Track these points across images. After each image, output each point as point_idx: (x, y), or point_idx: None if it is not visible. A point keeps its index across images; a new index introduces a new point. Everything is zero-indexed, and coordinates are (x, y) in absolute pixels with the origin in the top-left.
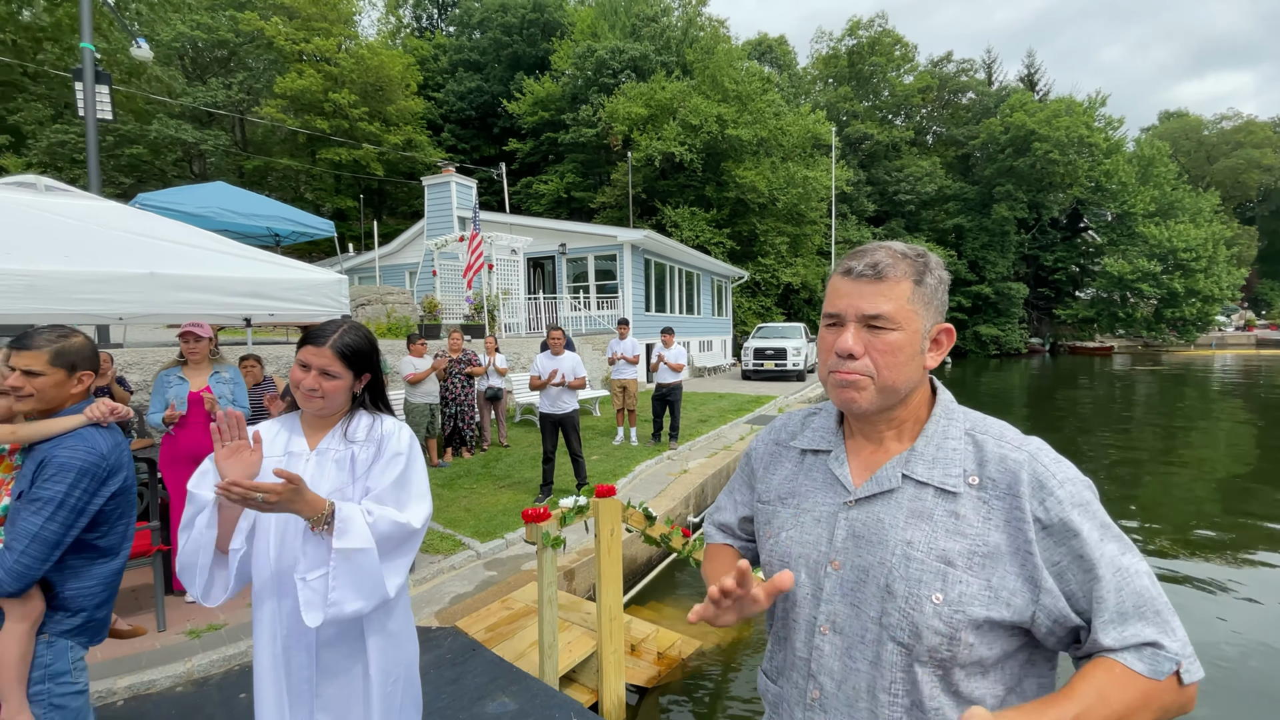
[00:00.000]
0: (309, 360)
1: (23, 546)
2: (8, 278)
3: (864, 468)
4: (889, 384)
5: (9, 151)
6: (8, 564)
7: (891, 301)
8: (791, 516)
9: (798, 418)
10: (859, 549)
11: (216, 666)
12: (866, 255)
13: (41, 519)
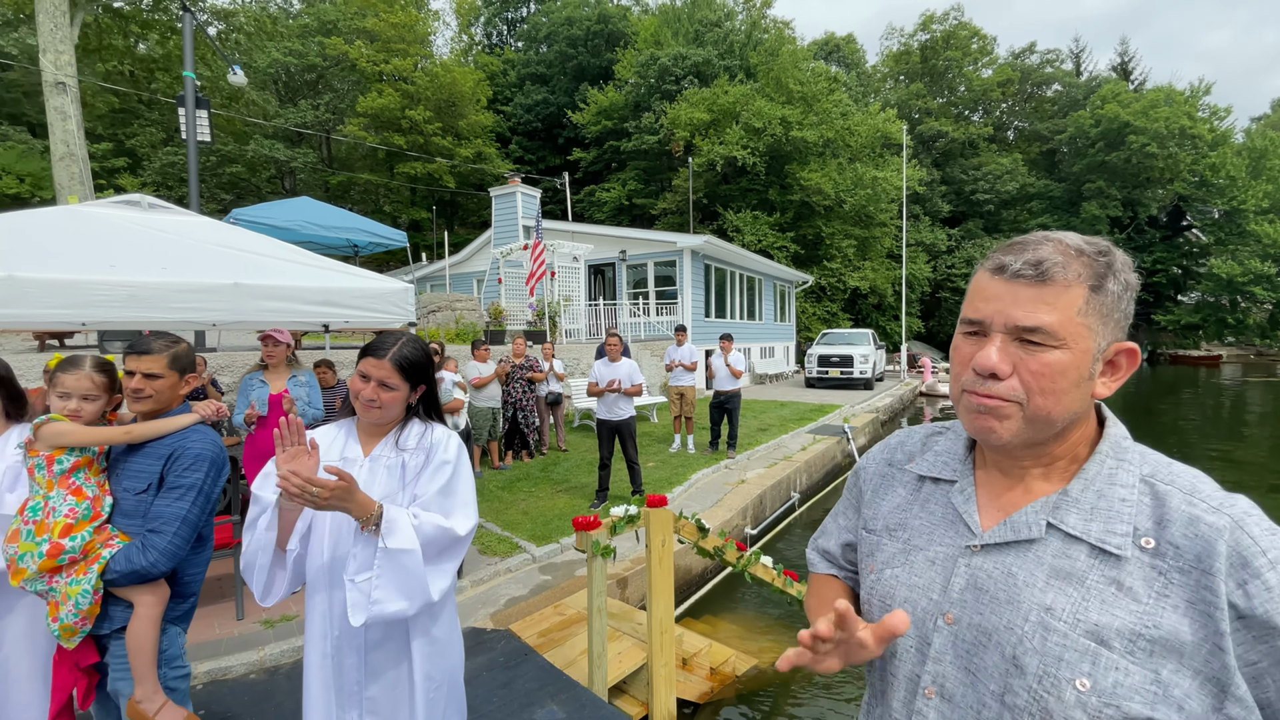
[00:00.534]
0: (369, 371)
1: (174, 529)
2: (112, 288)
3: (996, 507)
4: (1042, 414)
5: (126, 173)
6: (161, 546)
7: (1056, 311)
8: (899, 553)
9: (918, 436)
10: (981, 605)
11: (287, 656)
12: (1028, 249)
13: (186, 504)
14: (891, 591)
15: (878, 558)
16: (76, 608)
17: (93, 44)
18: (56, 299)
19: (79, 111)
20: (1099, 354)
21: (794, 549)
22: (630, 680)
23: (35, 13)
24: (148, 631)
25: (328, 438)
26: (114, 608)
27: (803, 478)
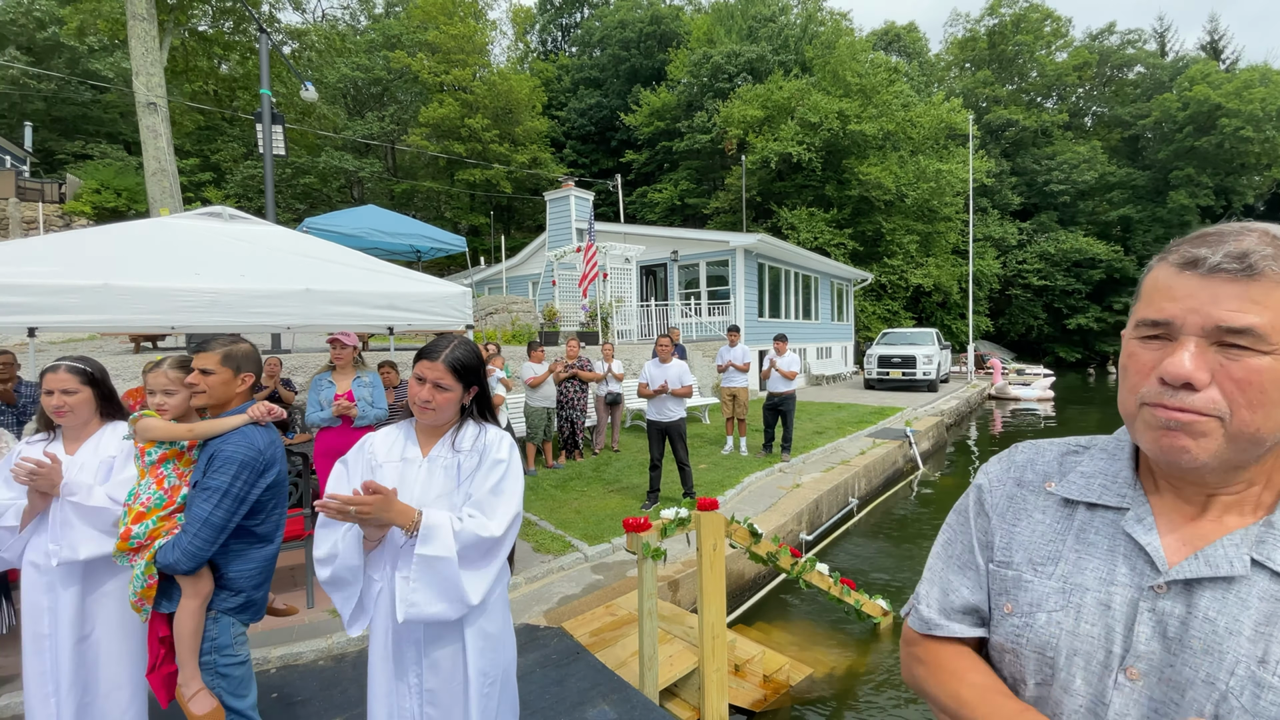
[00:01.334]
0: (424, 374)
1: (195, 530)
2: (197, 294)
3: (1179, 540)
4: (1249, 431)
5: (211, 186)
6: (184, 545)
7: (1268, 311)
8: (1057, 592)
9: (1051, 454)
10: (1172, 656)
11: (352, 645)
12: (1226, 241)
13: (210, 506)
14: (1053, 642)
15: (1022, 598)
16: (135, 588)
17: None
18: (147, 305)
19: (169, 130)
20: None
21: (852, 557)
22: (681, 684)
23: (128, 38)
24: (186, 621)
25: (389, 439)
26: (177, 590)
27: (861, 483)
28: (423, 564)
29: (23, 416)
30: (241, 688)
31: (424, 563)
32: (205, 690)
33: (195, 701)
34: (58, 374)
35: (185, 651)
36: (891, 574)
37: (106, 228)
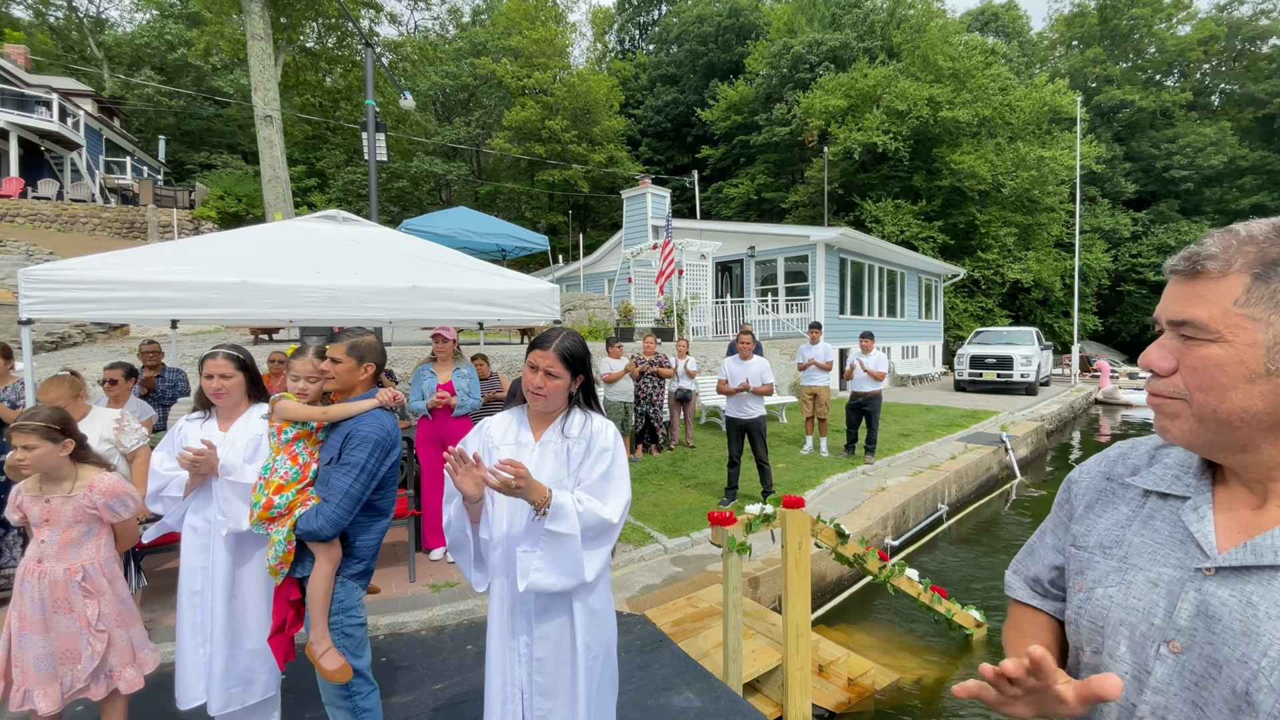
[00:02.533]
0: (537, 362)
1: (337, 500)
2: (318, 291)
3: (1237, 527)
4: (1207, 412)
5: (316, 191)
6: (326, 513)
7: (1208, 305)
8: (1113, 570)
9: (1145, 448)
10: (1212, 635)
11: (451, 618)
12: (1195, 244)
13: (349, 479)
14: (1104, 613)
15: (1088, 576)
16: (276, 553)
17: (291, 81)
18: (276, 300)
19: (282, 140)
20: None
21: (941, 565)
22: (764, 680)
23: (248, 56)
24: (319, 583)
25: (504, 424)
26: (309, 557)
27: (952, 489)
28: (551, 539)
29: (164, 400)
30: (361, 648)
31: (552, 538)
32: (334, 648)
33: (326, 658)
34: (216, 360)
35: (317, 612)
36: (984, 586)
37: (240, 231)
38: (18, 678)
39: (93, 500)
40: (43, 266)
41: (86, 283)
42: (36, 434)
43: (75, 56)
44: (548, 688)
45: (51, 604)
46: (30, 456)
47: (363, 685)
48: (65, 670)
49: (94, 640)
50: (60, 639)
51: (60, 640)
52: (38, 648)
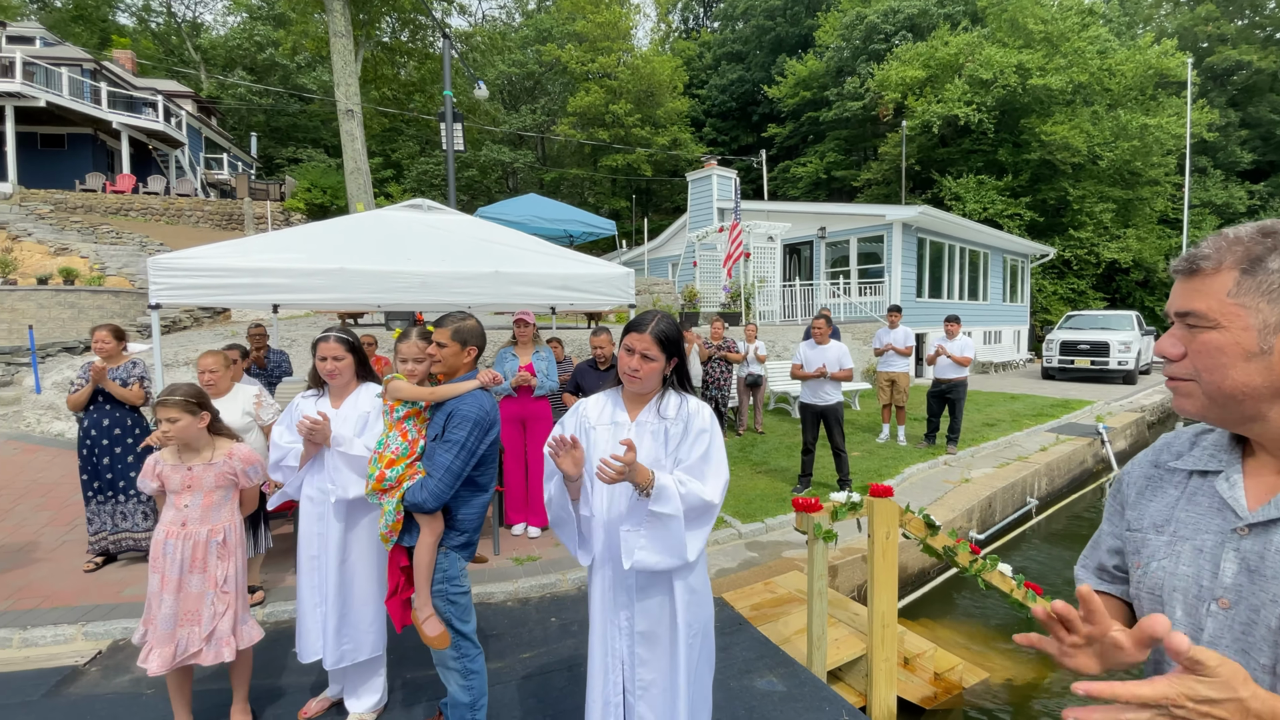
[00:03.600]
0: (633, 345)
1: (439, 475)
2: (409, 277)
3: (1265, 489)
4: (1213, 389)
5: (392, 182)
6: (430, 487)
7: (1205, 297)
8: (1165, 545)
9: (1187, 435)
10: (1253, 585)
11: (534, 591)
12: (1193, 248)
13: (451, 456)
14: (1159, 583)
15: (1143, 553)
16: (386, 522)
17: (369, 75)
18: (371, 285)
19: (362, 133)
20: (1268, 329)
21: (1029, 561)
22: (846, 669)
23: (331, 53)
24: (423, 553)
25: (598, 405)
26: (416, 527)
27: (1042, 482)
28: (654, 520)
29: (271, 378)
30: (466, 614)
31: (655, 519)
32: (435, 615)
33: (428, 624)
34: (329, 343)
35: (421, 580)
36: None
37: (336, 220)
38: (150, 634)
39: (233, 467)
40: (168, 256)
41: (205, 270)
42: (178, 407)
43: (175, 60)
44: (649, 659)
45: (189, 564)
46: (174, 428)
47: (470, 649)
48: (183, 632)
49: (217, 601)
50: (186, 599)
51: (186, 600)
52: (166, 607)
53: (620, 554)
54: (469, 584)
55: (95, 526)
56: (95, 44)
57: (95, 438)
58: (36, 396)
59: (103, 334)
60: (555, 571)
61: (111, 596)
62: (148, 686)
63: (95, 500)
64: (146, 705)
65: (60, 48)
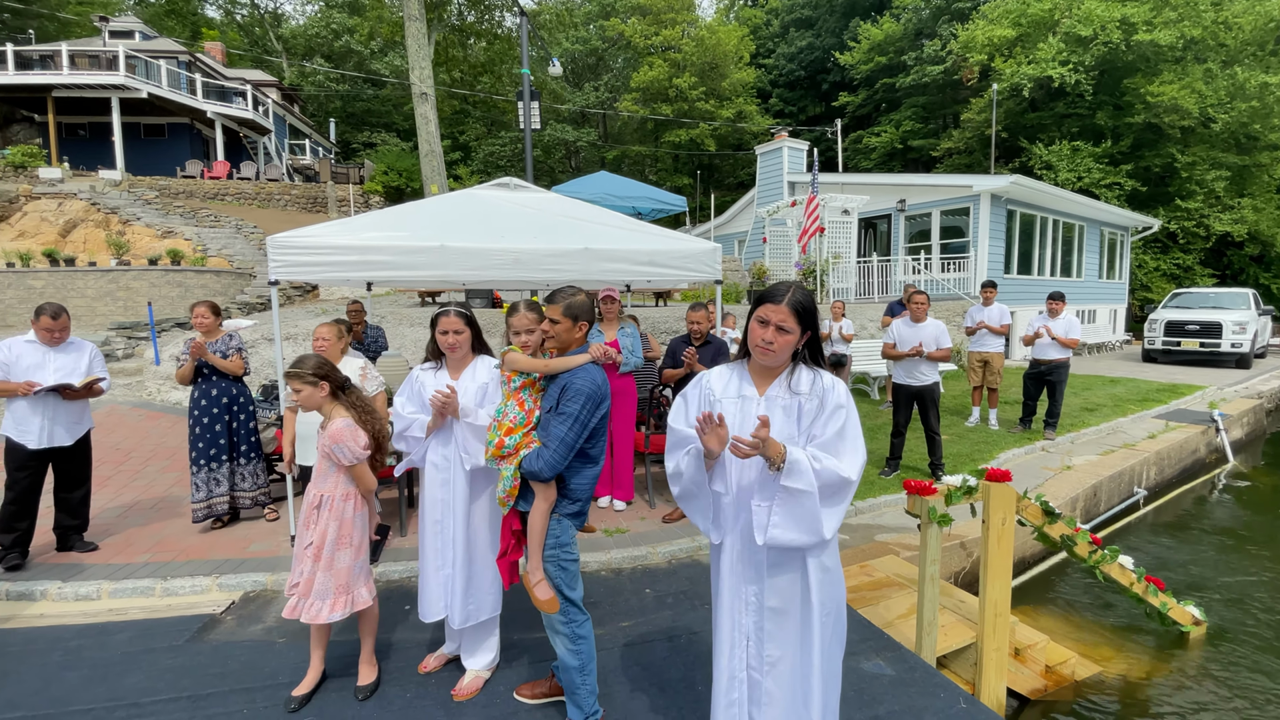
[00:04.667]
0: (767, 316)
1: (554, 446)
2: (503, 254)
3: None
4: None
5: (460, 164)
6: (546, 457)
7: None
8: None
9: None
10: None
11: (626, 562)
12: None
13: (565, 428)
14: None
15: None
16: (504, 487)
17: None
18: (469, 262)
19: (436, 115)
20: None
21: (1138, 554)
22: (952, 657)
23: (405, 37)
24: (536, 520)
25: (723, 378)
26: (531, 494)
27: (1150, 471)
28: (787, 496)
29: (370, 353)
30: (575, 581)
31: (788, 495)
32: (546, 580)
33: (539, 588)
34: (449, 317)
35: (534, 544)
36: (1194, 580)
37: (433, 199)
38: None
39: (323, 441)
40: (284, 235)
41: (317, 248)
42: (300, 379)
43: (259, 50)
44: (777, 635)
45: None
46: (299, 397)
47: (577, 615)
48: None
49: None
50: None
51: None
52: (307, 561)
53: (749, 528)
54: (579, 552)
55: (203, 494)
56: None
57: (205, 408)
58: (156, 368)
59: (201, 310)
60: (644, 544)
61: (239, 552)
62: (280, 635)
63: (205, 468)
64: (279, 652)
65: (157, 41)
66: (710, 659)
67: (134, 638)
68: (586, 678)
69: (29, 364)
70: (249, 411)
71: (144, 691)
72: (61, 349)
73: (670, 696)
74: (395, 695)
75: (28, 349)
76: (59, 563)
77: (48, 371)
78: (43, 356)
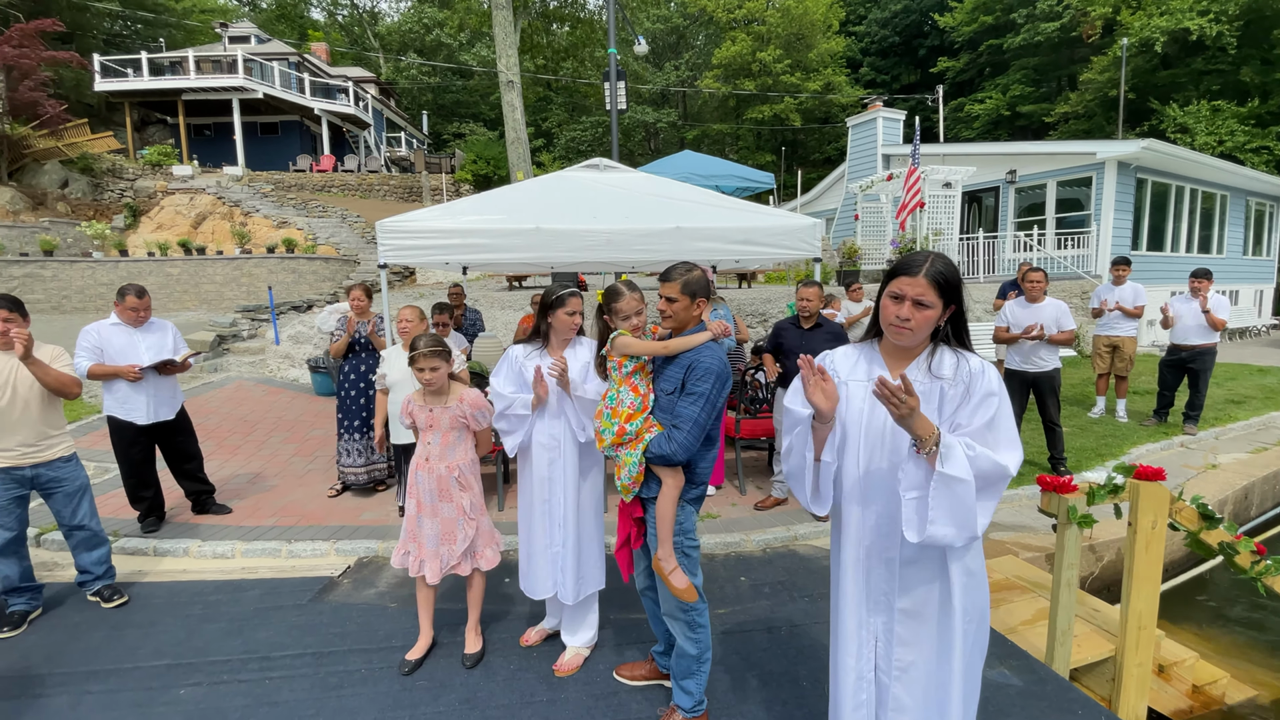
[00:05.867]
0: (902, 290)
1: (687, 428)
2: (596, 235)
3: None
4: None
5: (543, 151)
6: (679, 440)
7: None
8: None
9: None
10: None
11: (719, 549)
12: None
13: (697, 408)
14: None
15: None
16: (630, 473)
17: (525, 45)
18: (564, 244)
19: (521, 103)
20: None
21: None
22: (1085, 671)
23: (493, 26)
24: (666, 506)
25: (849, 359)
26: (652, 480)
27: None
28: (942, 483)
29: (469, 335)
30: (695, 567)
31: (944, 482)
32: (680, 569)
33: (675, 576)
34: (578, 298)
35: (665, 532)
36: None
37: (528, 182)
38: (414, 550)
39: (464, 411)
40: (392, 219)
41: (421, 232)
42: (437, 356)
43: (359, 48)
44: (910, 640)
45: (437, 494)
46: (434, 375)
47: (697, 602)
48: (444, 549)
49: (467, 526)
50: (443, 523)
51: (443, 525)
52: (428, 529)
53: (884, 519)
54: (699, 538)
55: (347, 460)
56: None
57: (353, 381)
58: (276, 347)
59: (358, 292)
60: (738, 531)
61: (353, 519)
62: (391, 600)
63: (350, 437)
64: (391, 616)
65: (270, 44)
66: (814, 654)
67: (264, 595)
68: (704, 666)
69: (119, 346)
70: None
71: (274, 646)
72: (145, 329)
73: (773, 689)
74: (500, 666)
75: (114, 332)
76: (198, 523)
77: (140, 351)
78: (130, 338)
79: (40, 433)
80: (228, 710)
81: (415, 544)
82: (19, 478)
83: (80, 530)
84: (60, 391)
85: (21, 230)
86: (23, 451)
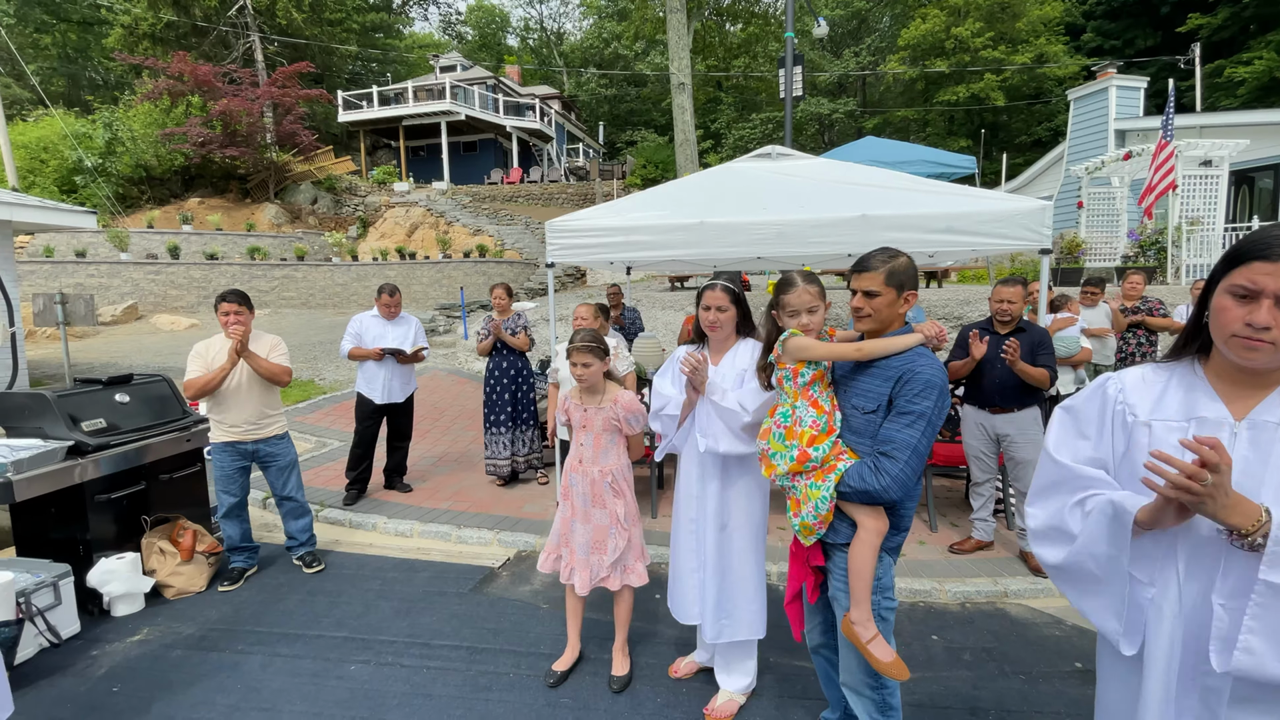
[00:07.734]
0: (1259, 283)
1: (905, 458)
2: (766, 227)
3: None
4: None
5: (710, 152)
6: (893, 472)
7: None
8: None
9: None
10: None
11: (903, 595)
12: None
13: (916, 432)
14: None
15: None
16: (816, 511)
17: (697, 46)
18: (730, 238)
19: (691, 105)
20: None
21: None
22: None
23: (667, 29)
24: (867, 555)
25: (1151, 389)
26: (840, 521)
27: None
28: (1271, 596)
29: (628, 334)
30: (890, 631)
31: (1273, 594)
32: (881, 637)
33: (876, 646)
34: (715, 292)
35: (862, 589)
36: None
37: (694, 176)
38: (566, 555)
39: (616, 413)
40: (561, 219)
41: (587, 230)
42: (590, 352)
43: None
44: None
45: (591, 498)
46: (588, 372)
47: (890, 680)
48: (594, 558)
49: (619, 535)
50: (595, 530)
51: (595, 532)
52: (580, 535)
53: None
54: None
55: (490, 452)
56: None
57: (498, 377)
58: (464, 341)
59: (499, 291)
60: (927, 577)
61: (515, 510)
62: (544, 601)
63: (493, 430)
64: (543, 617)
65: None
66: None
67: (432, 578)
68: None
69: (374, 334)
70: (530, 383)
71: (435, 633)
72: (395, 322)
73: None
74: (646, 696)
75: (372, 322)
76: (384, 500)
77: (387, 340)
78: (382, 328)
79: (260, 412)
80: (387, 695)
81: (568, 549)
82: (243, 451)
83: (289, 501)
84: (272, 379)
85: (282, 239)
86: (246, 428)
